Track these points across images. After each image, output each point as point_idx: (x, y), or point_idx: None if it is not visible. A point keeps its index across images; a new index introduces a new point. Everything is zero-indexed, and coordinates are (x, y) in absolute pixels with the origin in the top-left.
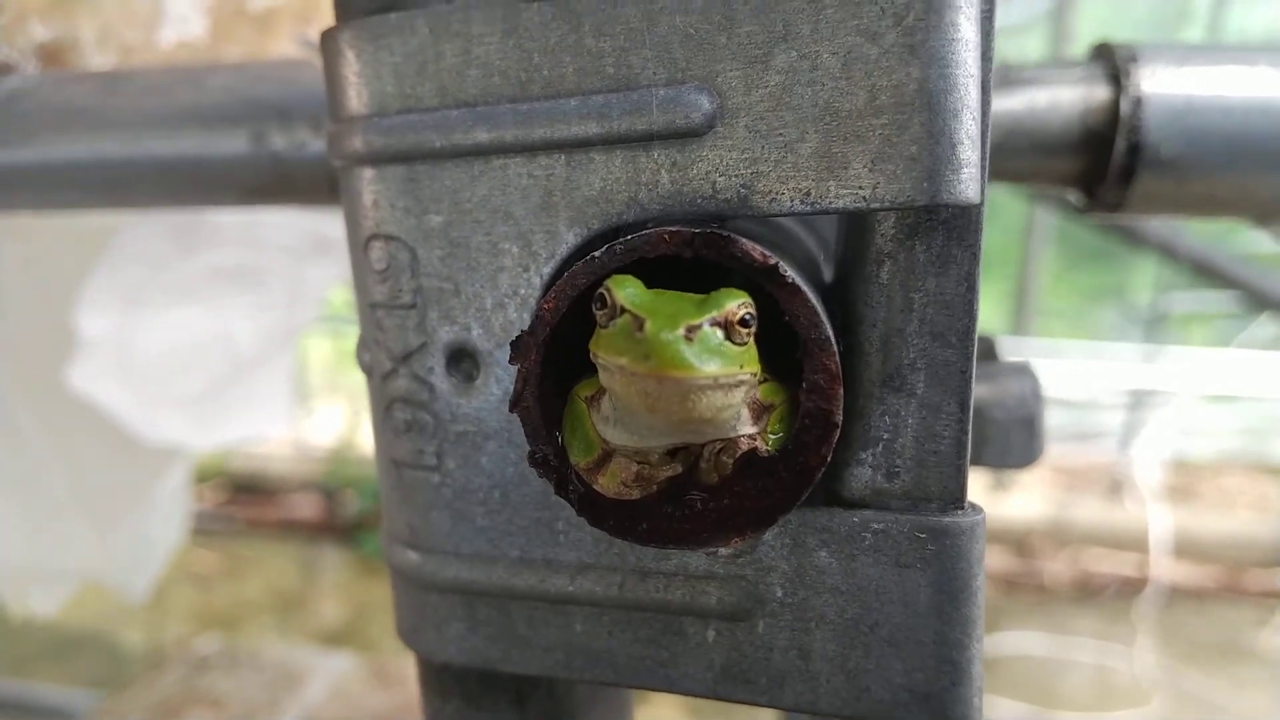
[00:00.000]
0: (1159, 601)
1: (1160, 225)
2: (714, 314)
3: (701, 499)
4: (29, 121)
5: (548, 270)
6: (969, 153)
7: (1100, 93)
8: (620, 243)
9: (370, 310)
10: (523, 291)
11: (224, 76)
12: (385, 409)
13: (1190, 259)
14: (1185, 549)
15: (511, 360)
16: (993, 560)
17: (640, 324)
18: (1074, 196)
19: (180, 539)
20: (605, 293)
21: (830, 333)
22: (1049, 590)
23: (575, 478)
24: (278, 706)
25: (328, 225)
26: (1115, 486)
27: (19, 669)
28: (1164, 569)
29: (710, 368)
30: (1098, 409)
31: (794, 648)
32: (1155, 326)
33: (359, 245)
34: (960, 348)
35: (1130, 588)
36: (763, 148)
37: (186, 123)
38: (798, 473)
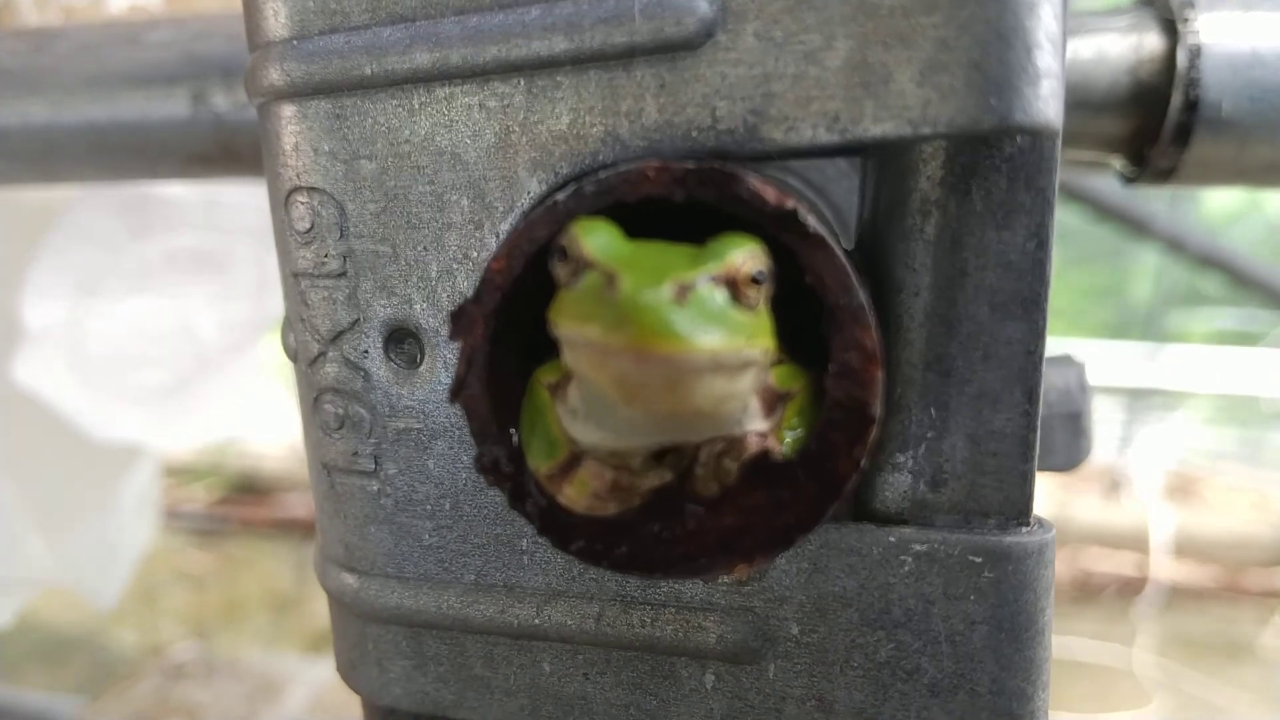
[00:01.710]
0: (1159, 601)
1: (1167, 220)
2: (714, 268)
3: (697, 515)
4: None
5: (505, 227)
6: (1049, 60)
7: (1152, 42)
8: (591, 181)
9: (294, 281)
10: (475, 254)
11: (163, 32)
12: (314, 401)
13: (1198, 254)
14: (1185, 548)
15: (452, 336)
16: None
17: (613, 280)
18: (1120, 163)
19: (149, 541)
20: (568, 241)
21: (865, 299)
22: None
23: (535, 487)
24: (256, 717)
25: None
26: (1114, 485)
27: (8, 672)
28: (1164, 568)
29: (708, 340)
30: (1097, 407)
31: (812, 697)
32: (1155, 324)
33: (279, 201)
34: (1028, 320)
35: (1130, 587)
36: (777, 60)
37: (121, 83)
38: (822, 482)
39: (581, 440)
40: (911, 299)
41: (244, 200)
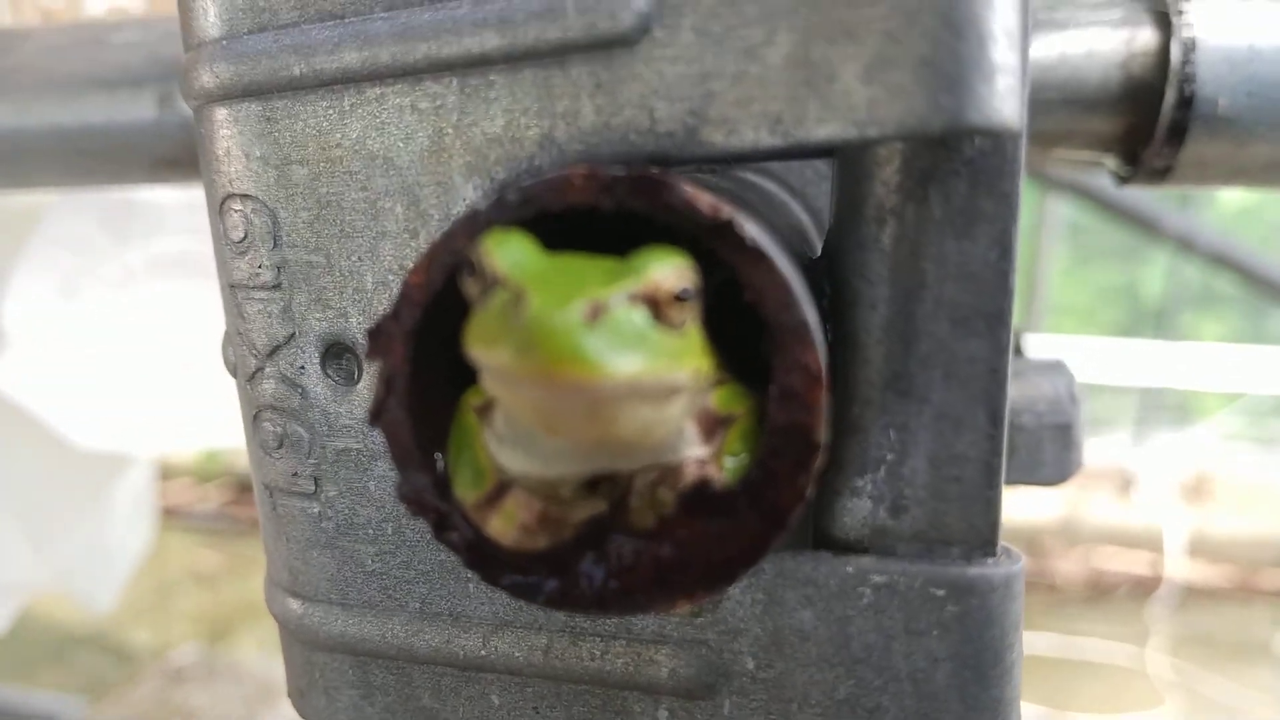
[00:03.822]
0: (1173, 601)
1: (1177, 218)
2: (632, 285)
3: (633, 549)
4: None
5: (433, 241)
6: (1006, 54)
7: (1145, 36)
8: (514, 190)
9: (231, 293)
10: (411, 264)
11: (129, 33)
12: (253, 419)
13: (1209, 252)
14: (1199, 548)
15: (369, 355)
16: None
17: (520, 299)
18: (1113, 163)
19: (147, 544)
20: (478, 255)
21: (808, 316)
22: (1060, 590)
23: (462, 518)
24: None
25: None
26: (1128, 484)
27: (19, 672)
28: (1178, 568)
29: (624, 365)
30: (1110, 406)
31: None
32: (1168, 322)
33: (215, 209)
34: (990, 337)
35: (1143, 587)
36: (715, 57)
37: (87, 86)
38: (766, 513)
39: (509, 468)
40: (868, 313)
41: None
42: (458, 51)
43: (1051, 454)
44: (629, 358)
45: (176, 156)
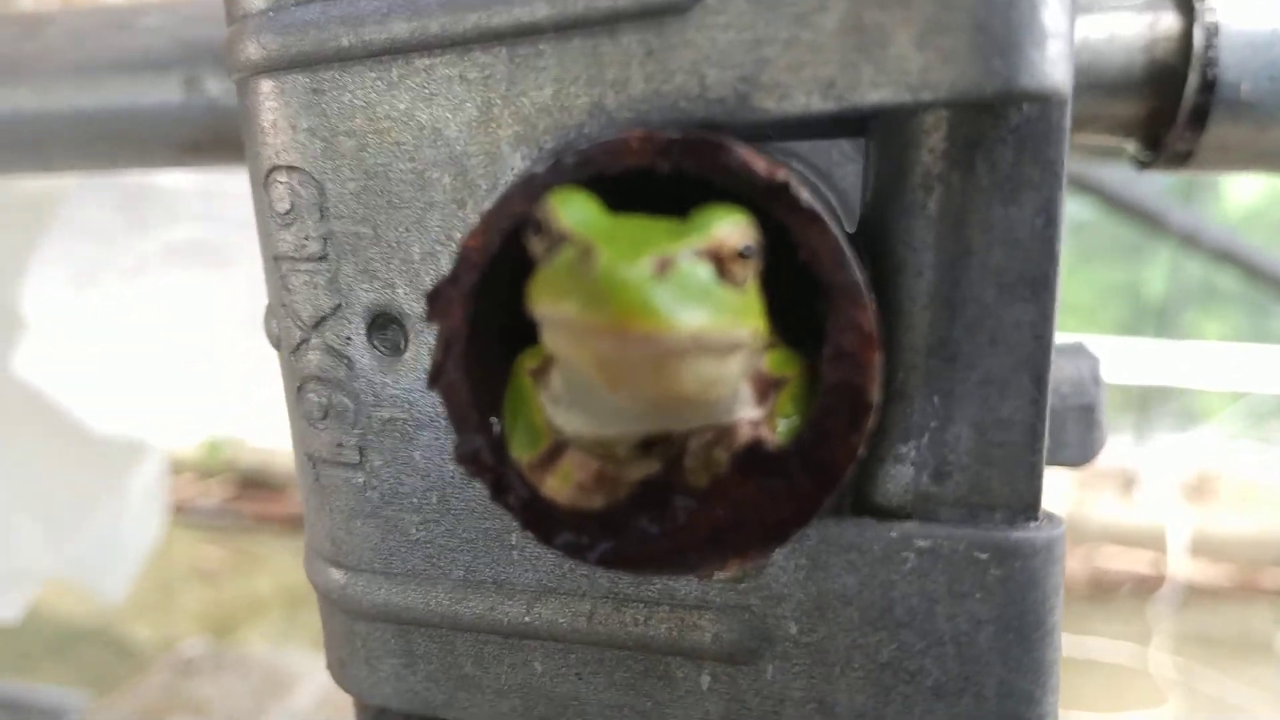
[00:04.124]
0: (1175, 600)
1: (1182, 215)
2: (697, 241)
3: (687, 508)
4: None
5: (489, 205)
6: (1057, 18)
7: (1168, 21)
8: (571, 153)
9: (275, 265)
10: (458, 235)
11: (154, 16)
12: (297, 391)
13: (1214, 248)
14: (1202, 547)
15: (428, 318)
16: None
17: (589, 254)
18: (1134, 148)
19: (158, 536)
20: (543, 213)
21: (861, 277)
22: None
23: (518, 479)
24: (264, 714)
25: None
26: (1130, 483)
27: (21, 666)
28: (1180, 567)
29: (692, 319)
30: (1112, 404)
31: (812, 699)
32: (1170, 321)
33: (259, 182)
34: (1037, 302)
35: (1146, 586)
36: (769, 23)
37: (112, 69)
38: (818, 472)
39: (565, 429)
40: (913, 280)
41: (244, 190)
42: (507, 21)
43: (1075, 435)
44: (696, 311)
45: (202, 140)
